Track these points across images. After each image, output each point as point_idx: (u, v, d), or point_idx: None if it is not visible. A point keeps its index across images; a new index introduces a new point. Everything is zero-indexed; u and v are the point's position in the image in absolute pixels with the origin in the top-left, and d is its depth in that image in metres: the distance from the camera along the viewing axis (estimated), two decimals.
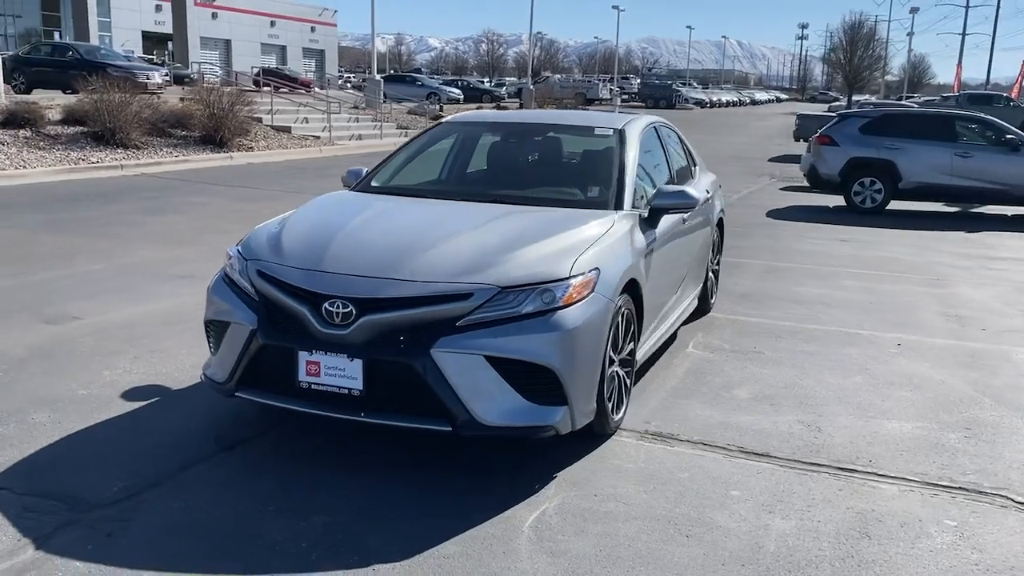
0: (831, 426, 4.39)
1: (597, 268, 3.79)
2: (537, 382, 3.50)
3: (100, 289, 6.74)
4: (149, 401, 4.41)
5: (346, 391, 3.52)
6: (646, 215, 4.64)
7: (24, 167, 13.90)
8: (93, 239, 8.85)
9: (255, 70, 46.02)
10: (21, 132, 15.49)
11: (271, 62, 62.79)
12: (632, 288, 4.21)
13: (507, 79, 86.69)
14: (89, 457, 3.72)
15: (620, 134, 5.12)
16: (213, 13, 59.39)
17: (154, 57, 49.50)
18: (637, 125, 5.32)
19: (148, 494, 3.38)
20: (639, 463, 3.85)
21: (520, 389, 3.49)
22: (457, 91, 43.97)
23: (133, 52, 50.50)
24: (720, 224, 6.81)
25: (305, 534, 3.11)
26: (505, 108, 37.53)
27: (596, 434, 4.04)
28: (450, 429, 3.44)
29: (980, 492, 3.68)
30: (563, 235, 4.02)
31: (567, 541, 3.13)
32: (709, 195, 6.32)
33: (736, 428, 4.31)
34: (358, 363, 3.47)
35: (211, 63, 56.58)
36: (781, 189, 16.55)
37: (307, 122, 23.14)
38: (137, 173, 15.01)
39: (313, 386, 3.56)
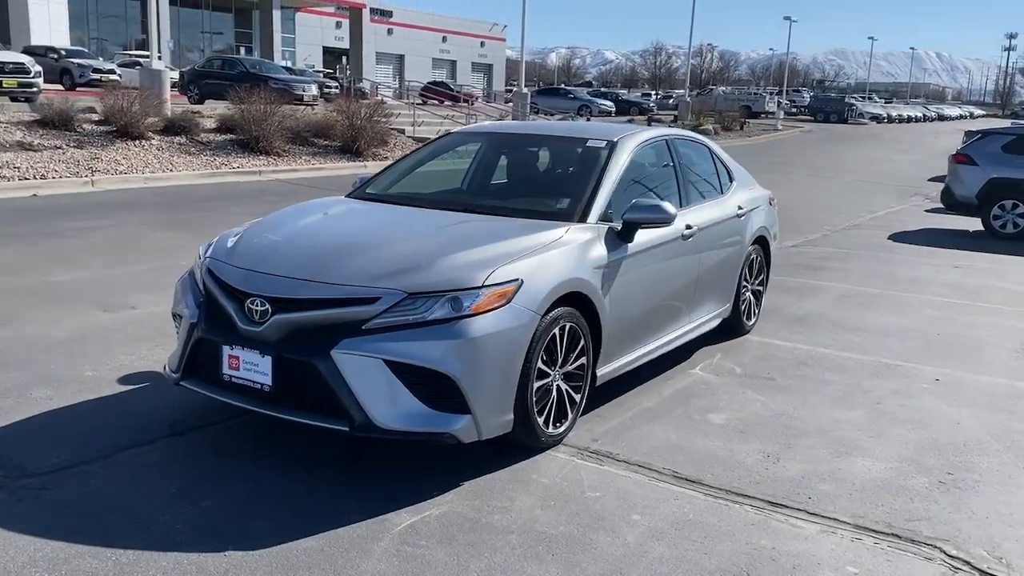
0: (792, 459, 4.14)
1: (519, 279, 3.78)
2: (437, 389, 3.54)
3: (170, 282, 7.28)
4: (140, 385, 4.77)
5: (259, 386, 3.69)
6: (619, 228, 4.55)
7: (171, 170, 15.18)
8: (197, 236, 9.55)
9: (406, 83, 47.85)
10: (176, 139, 16.93)
11: (441, 76, 65.08)
12: (580, 302, 4.14)
13: (676, 91, 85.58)
14: (55, 431, 4.09)
15: (611, 147, 5.04)
16: (389, 29, 62.28)
17: (334, 71, 52.37)
18: (635, 139, 5.21)
19: (77, 469, 3.67)
20: (555, 479, 3.79)
21: (420, 395, 3.54)
22: (609, 103, 43.89)
23: (313, 66, 53.81)
24: (762, 242, 6.50)
25: (185, 516, 3.29)
26: (658, 121, 37.13)
27: (529, 447, 4.00)
28: (347, 430, 3.53)
29: (913, 541, 3.38)
30: (500, 245, 4.03)
31: (428, 548, 3.14)
32: (742, 212, 6.07)
33: (686, 452, 4.15)
34: (268, 360, 3.64)
35: (385, 77, 59.24)
36: (926, 211, 15.50)
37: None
38: (272, 179, 16.03)
39: (233, 379, 3.76)
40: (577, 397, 4.26)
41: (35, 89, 18.43)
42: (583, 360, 4.24)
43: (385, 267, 3.74)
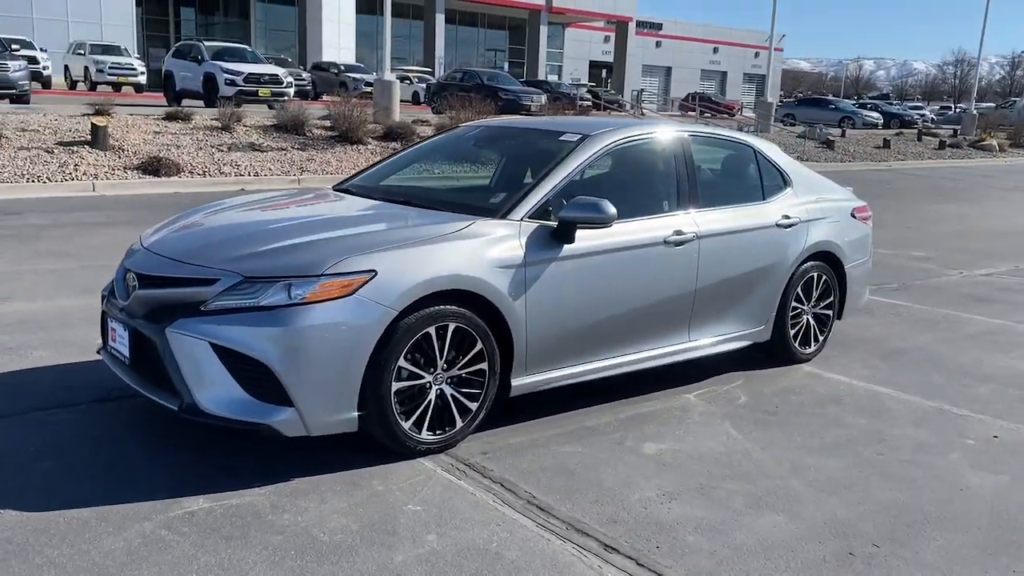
0: (689, 503, 3.54)
1: (373, 271, 3.58)
2: (259, 378, 3.45)
3: None
4: None
5: (123, 358, 3.82)
6: (555, 227, 4.17)
7: None
8: None
9: (670, 95, 47.23)
10: (392, 144, 18.02)
11: (710, 88, 63.66)
12: (476, 302, 3.84)
13: (983, 104, 76.92)
14: (10, 385, 4.49)
15: (581, 141, 4.62)
16: (657, 42, 62.03)
17: (597, 85, 53.10)
18: (613, 135, 4.73)
19: None
20: (391, 487, 3.54)
21: (243, 382, 3.47)
22: (876, 115, 40.25)
23: (580, 79, 54.96)
24: (829, 259, 5.63)
25: (20, 476, 3.47)
26: (933, 135, 33.57)
27: (394, 451, 3.78)
28: (176, 409, 3.54)
29: None
30: (380, 234, 3.87)
31: (182, 535, 3.07)
32: (789, 222, 5.31)
33: (573, 479, 3.70)
34: (127, 333, 3.76)
35: (650, 90, 58.96)
36: None
37: None
38: None
39: (112, 350, 3.93)
40: (473, 405, 3.95)
41: (285, 98, 20.48)
42: (482, 366, 3.93)
43: (243, 251, 3.71)
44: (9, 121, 14.89)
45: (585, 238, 4.26)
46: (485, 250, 3.92)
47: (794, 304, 5.47)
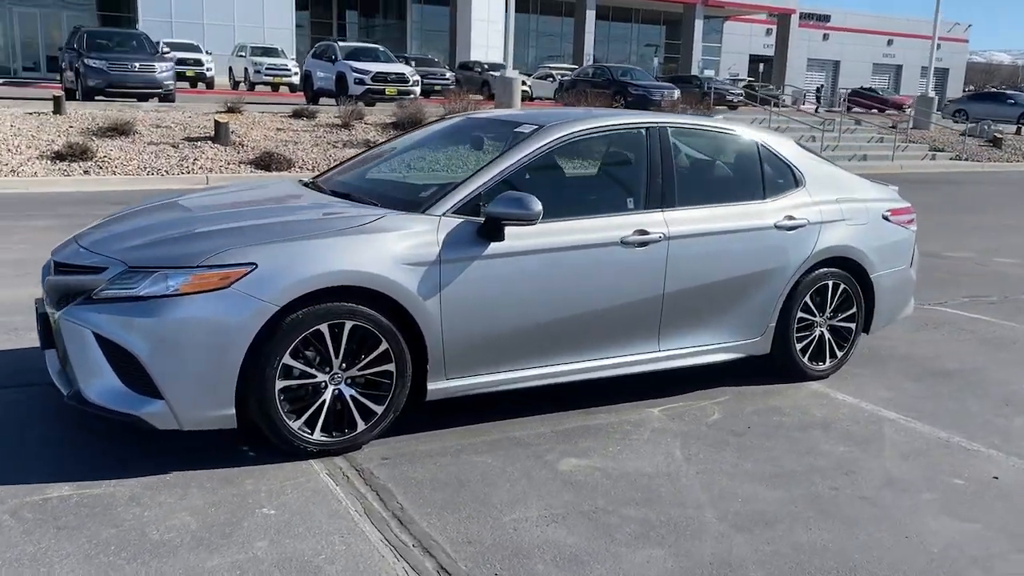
0: (578, 532, 3.22)
1: (254, 264, 3.47)
2: (131, 368, 3.42)
3: None
4: None
5: (39, 341, 3.91)
6: (482, 223, 3.93)
7: None
8: None
9: (839, 90, 44.82)
10: None
11: (883, 82, 60.02)
12: (381, 300, 3.67)
13: None
14: None
15: (533, 133, 4.34)
16: (824, 34, 59.06)
17: (752, 80, 51.21)
18: (570, 126, 4.40)
19: None
20: (259, 486, 3.42)
21: (119, 372, 3.45)
22: None
23: (738, 74, 53.23)
24: (848, 266, 5.03)
25: None
26: None
27: (283, 451, 3.67)
28: (65, 395, 3.58)
29: None
30: (280, 226, 3.77)
31: (18, 522, 3.08)
32: (793, 223, 4.79)
33: (462, 491, 3.46)
34: (37, 319, 3.84)
35: (814, 84, 56.31)
36: None
37: (813, 140, 22.03)
38: None
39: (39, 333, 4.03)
40: (378, 409, 3.78)
41: (412, 96, 20.90)
42: (389, 367, 3.75)
43: (137, 241, 3.71)
44: (148, 118, 15.97)
45: (522, 236, 3.99)
46: (391, 246, 3.73)
47: (801, 315, 4.93)
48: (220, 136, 15.12)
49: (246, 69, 31.29)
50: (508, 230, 3.94)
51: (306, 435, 3.64)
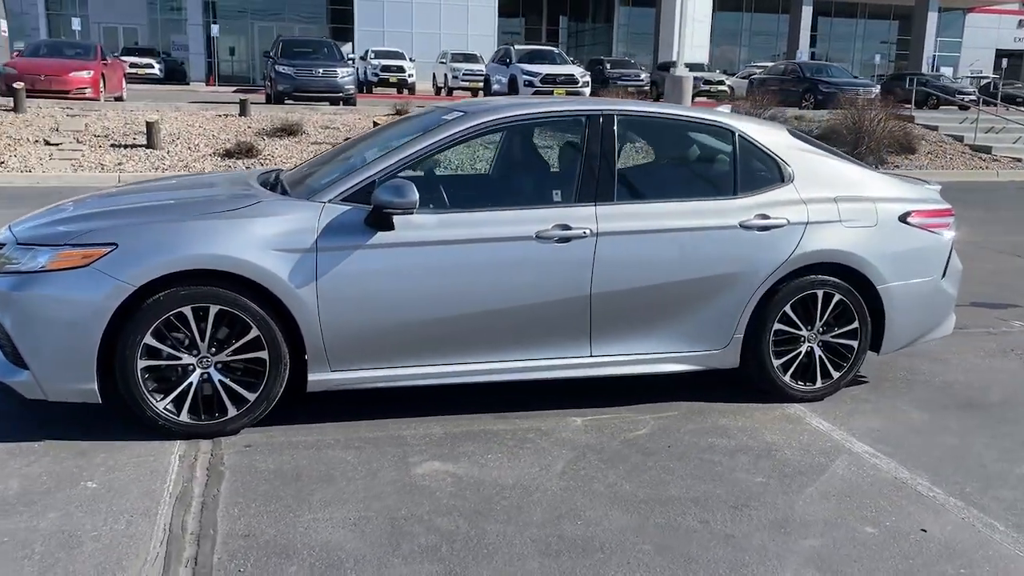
0: (345, 536, 3.05)
1: (115, 244, 3.58)
2: (3, 338, 3.63)
3: None
4: None
5: None
6: (369, 211, 3.81)
7: None
8: None
9: None
10: None
11: None
12: (251, 286, 3.66)
13: None
14: None
15: (455, 119, 4.15)
16: None
17: (997, 77, 46.44)
18: (498, 113, 4.16)
19: None
20: (107, 459, 3.51)
21: (1, 342, 3.68)
22: None
23: (981, 71, 48.50)
24: (843, 273, 4.38)
25: None
26: None
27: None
28: None
29: None
30: (160, 209, 3.87)
31: None
32: (769, 222, 4.26)
33: (284, 485, 3.37)
34: None
35: None
36: None
37: None
38: None
39: None
40: (250, 396, 3.77)
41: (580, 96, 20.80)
42: (261, 354, 3.74)
43: (45, 220, 3.92)
44: (320, 120, 17.02)
45: (420, 227, 3.83)
46: (262, 231, 3.70)
47: (780, 327, 4.36)
48: None
49: (445, 75, 32.55)
50: (407, 220, 3.79)
51: (171, 416, 3.69)
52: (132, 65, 34.93)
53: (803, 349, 4.44)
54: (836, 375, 4.50)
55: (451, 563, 2.86)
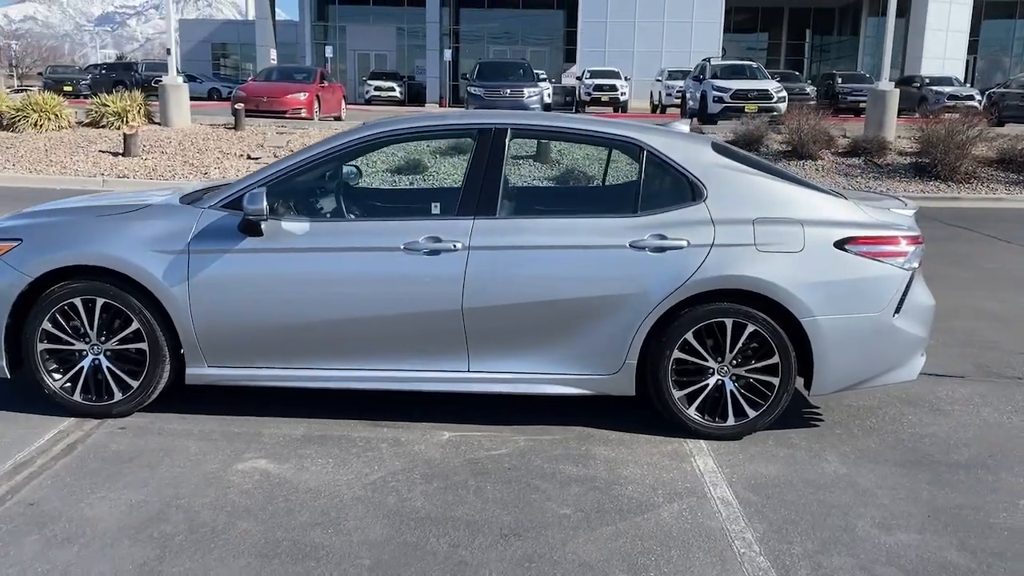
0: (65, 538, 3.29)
1: (20, 239, 4.09)
2: None
3: None
4: None
5: None
6: (241, 218, 4.06)
7: None
8: None
9: None
10: (851, 160, 16.31)
11: None
12: (129, 281, 4.03)
13: None
14: None
15: (347, 131, 4.28)
16: None
17: None
18: (384, 126, 4.25)
19: None
20: None
21: None
22: None
23: None
24: (768, 304, 3.99)
25: None
26: None
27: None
28: None
29: None
30: (78, 211, 4.32)
31: None
32: (667, 243, 3.99)
33: (102, 468, 3.68)
34: None
35: None
36: None
37: None
38: (935, 207, 13.91)
39: None
40: (134, 383, 4.13)
41: (775, 112, 19.84)
42: (142, 345, 4.10)
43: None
44: None
45: (291, 234, 4.02)
46: (144, 233, 4.04)
47: (681, 356, 4.05)
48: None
49: (660, 92, 32.30)
50: (277, 227, 3.99)
51: (66, 394, 4.13)
52: (376, 88, 37.97)
53: (711, 382, 4.08)
54: (753, 414, 4.08)
55: (167, 550, 3.00)
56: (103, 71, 38.14)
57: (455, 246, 3.98)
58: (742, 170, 4.18)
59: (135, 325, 4.05)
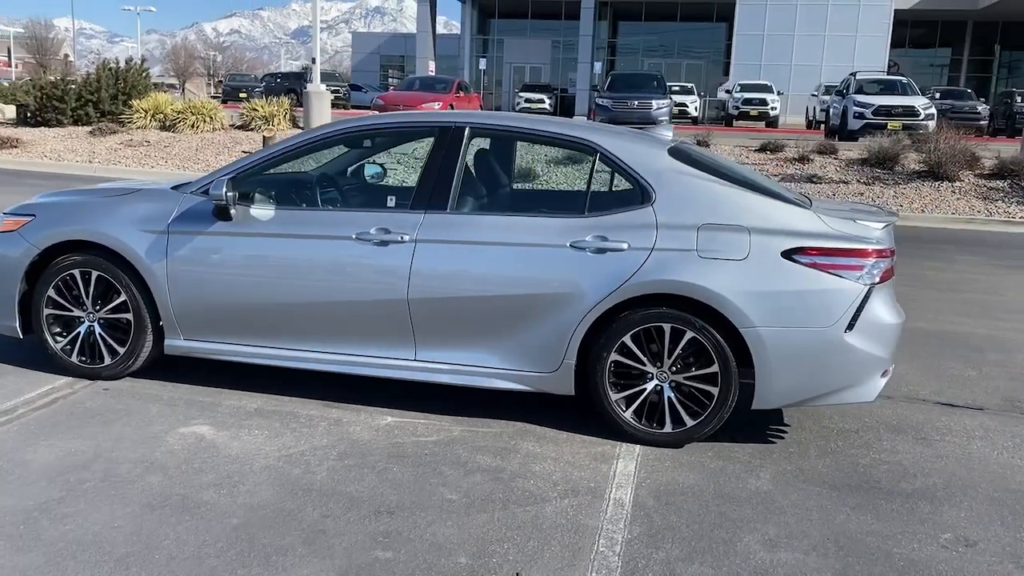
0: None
1: (33, 215, 4.60)
2: None
3: None
4: None
5: None
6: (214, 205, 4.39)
7: (931, 211, 13.96)
8: None
9: None
10: (993, 183, 15.20)
11: None
12: (115, 256, 4.45)
13: None
14: None
15: (317, 128, 4.54)
16: None
17: None
18: (350, 123, 4.47)
19: None
20: None
21: None
22: None
23: None
24: (707, 311, 3.92)
25: None
26: None
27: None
28: None
29: None
30: (91, 192, 4.79)
31: None
32: (607, 245, 3.98)
33: (66, 420, 4.10)
34: None
35: None
36: None
37: None
38: None
39: None
40: (121, 349, 4.55)
41: (921, 129, 18.71)
42: (128, 316, 4.51)
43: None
44: None
45: (252, 219, 4.33)
46: (132, 213, 4.45)
47: (619, 358, 4.03)
48: None
49: (814, 108, 31.11)
50: (245, 212, 4.30)
51: (65, 356, 4.60)
52: (527, 101, 38.72)
53: (649, 387, 4.03)
54: (690, 423, 4.00)
55: (72, 493, 3.31)
56: (277, 79, 40.82)
57: (403, 238, 4.14)
58: (697, 176, 4.11)
59: (123, 297, 4.46)
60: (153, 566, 2.85)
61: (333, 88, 21.59)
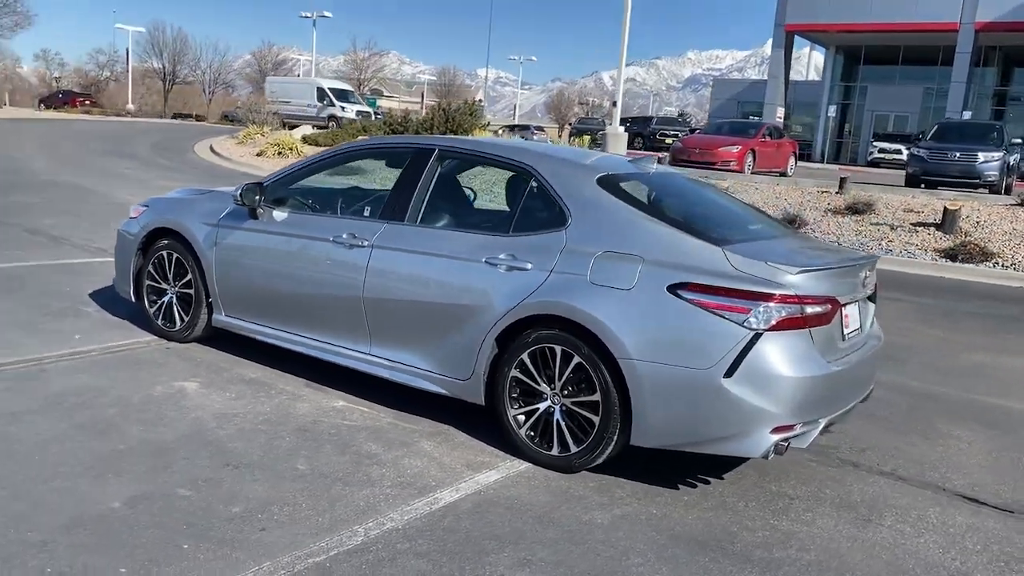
0: None
1: (147, 206, 5.85)
2: None
3: None
4: None
5: None
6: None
7: None
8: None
9: None
10: None
11: None
12: (178, 239, 5.52)
13: None
14: None
15: (334, 148, 5.21)
16: None
17: None
18: (354, 144, 5.08)
19: None
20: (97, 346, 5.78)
21: None
22: None
23: None
24: (589, 338, 3.91)
25: None
26: None
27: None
28: None
29: None
30: (186, 191, 5.93)
31: None
32: (514, 263, 4.15)
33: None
34: None
35: None
36: None
37: None
38: None
39: None
40: (186, 317, 5.60)
41: None
42: (190, 291, 5.56)
43: None
44: (903, 203, 16.04)
45: (270, 219, 5.12)
46: (200, 209, 5.48)
47: (518, 375, 4.14)
48: (945, 224, 14.42)
49: None
50: (268, 213, 5.10)
51: (154, 319, 5.73)
52: (881, 151, 36.30)
53: (542, 407, 4.10)
54: (574, 449, 4.00)
55: (44, 409, 4.27)
56: (627, 124, 42.52)
57: (363, 243, 4.64)
58: (616, 205, 4.09)
59: (189, 276, 5.49)
60: (30, 465, 3.63)
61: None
